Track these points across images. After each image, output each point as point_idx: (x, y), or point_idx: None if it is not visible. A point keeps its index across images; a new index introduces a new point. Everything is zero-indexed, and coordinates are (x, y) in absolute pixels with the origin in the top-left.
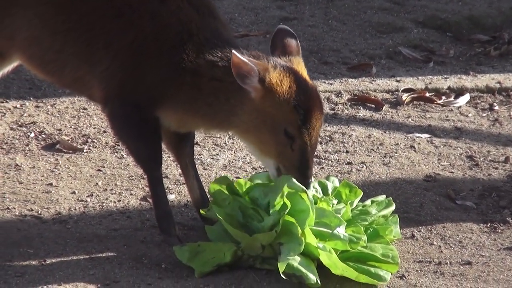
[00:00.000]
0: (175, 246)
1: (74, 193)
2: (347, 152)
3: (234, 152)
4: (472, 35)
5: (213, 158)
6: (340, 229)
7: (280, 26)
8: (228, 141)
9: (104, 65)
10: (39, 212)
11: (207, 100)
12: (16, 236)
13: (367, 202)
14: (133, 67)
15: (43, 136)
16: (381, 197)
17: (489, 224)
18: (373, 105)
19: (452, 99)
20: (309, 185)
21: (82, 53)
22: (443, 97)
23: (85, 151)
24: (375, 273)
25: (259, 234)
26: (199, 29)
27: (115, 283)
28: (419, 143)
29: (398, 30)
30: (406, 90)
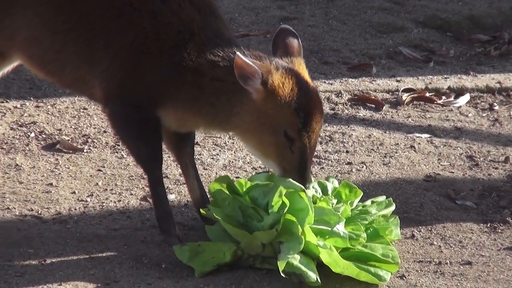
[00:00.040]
0: (175, 246)
1: (74, 193)
2: (347, 152)
3: (234, 152)
4: (472, 35)
5: (213, 158)
6: (340, 226)
7: (282, 26)
8: (228, 141)
9: (104, 65)
10: (39, 212)
11: (208, 99)
12: (16, 236)
13: (367, 202)
14: (134, 66)
15: (43, 136)
16: (381, 198)
17: (489, 224)
18: (373, 105)
19: (452, 99)
20: (308, 186)
21: (82, 53)
22: (443, 97)
23: (85, 151)
24: (375, 273)
25: (259, 232)
26: (200, 29)
27: (115, 283)
28: (419, 143)
29: (398, 30)
30: (406, 90)
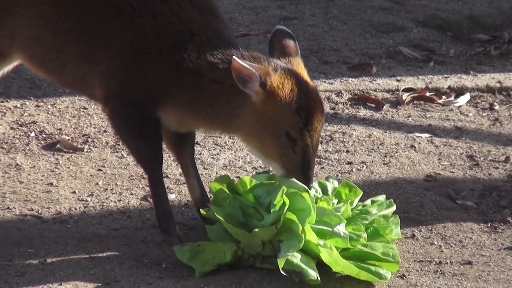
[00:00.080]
0: (175, 245)
1: (74, 192)
2: (347, 151)
3: (235, 152)
4: (472, 34)
5: (213, 158)
6: (340, 227)
7: (278, 27)
8: (229, 140)
9: (104, 64)
10: (40, 212)
11: (208, 101)
12: (16, 235)
13: (367, 201)
14: (134, 66)
15: (44, 135)
16: (381, 197)
17: (489, 224)
18: (373, 105)
19: (452, 98)
20: (311, 186)
21: (82, 52)
22: (444, 96)
23: (85, 150)
24: (375, 272)
25: (259, 229)
26: (200, 29)
27: (115, 282)
28: (420, 143)
29: (398, 29)
30: (407, 90)
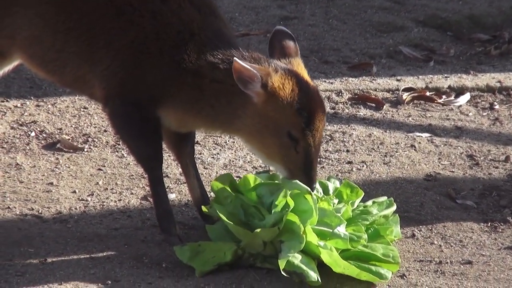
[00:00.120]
0: (175, 245)
1: (74, 192)
2: (347, 151)
3: (235, 151)
4: (472, 34)
5: (213, 157)
6: (341, 228)
7: (277, 27)
8: (229, 140)
9: (104, 64)
10: (40, 212)
11: (209, 101)
12: (16, 235)
13: (369, 202)
14: (134, 66)
15: (44, 135)
16: (383, 199)
17: (489, 224)
18: (373, 104)
19: (452, 98)
20: (314, 187)
21: (83, 52)
22: (444, 96)
23: (85, 150)
24: (376, 272)
25: (261, 230)
26: (200, 29)
27: (115, 282)
28: (420, 142)
29: (398, 29)
30: (407, 89)
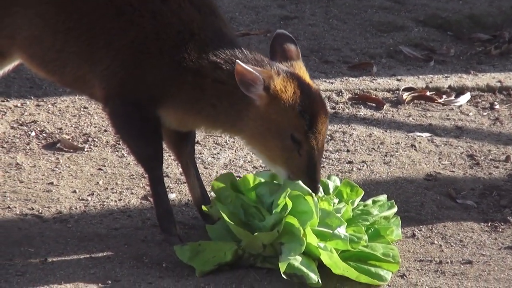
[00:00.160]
0: (175, 245)
1: (75, 192)
2: (348, 151)
3: (235, 151)
4: (472, 34)
5: (214, 157)
6: (341, 229)
7: (278, 31)
8: (229, 140)
9: (104, 64)
10: (40, 211)
11: (210, 101)
12: (17, 235)
13: (368, 201)
14: (134, 66)
15: (44, 135)
16: (382, 197)
17: (489, 223)
18: (373, 104)
19: (452, 98)
20: (318, 189)
21: (83, 52)
22: (444, 96)
23: (85, 150)
24: (375, 273)
25: (260, 233)
26: (200, 29)
27: (116, 282)
28: (420, 142)
29: (398, 29)
30: (407, 89)
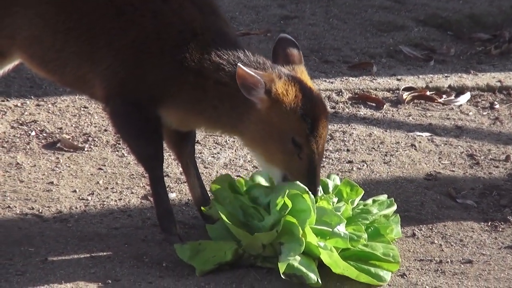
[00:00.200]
0: (176, 244)
1: (75, 191)
2: (348, 150)
3: (235, 151)
4: (472, 33)
5: (214, 157)
6: (340, 227)
7: (281, 35)
8: (229, 139)
9: (105, 64)
10: (40, 211)
11: (211, 102)
12: (17, 234)
13: (369, 201)
14: (135, 65)
15: (44, 134)
16: (383, 197)
17: (489, 223)
18: (373, 104)
19: (452, 97)
20: (318, 193)
21: (83, 52)
22: (444, 95)
23: (86, 149)
24: (375, 273)
25: (260, 234)
26: (202, 29)
27: (116, 281)
28: (420, 142)
29: (398, 28)
30: (407, 89)
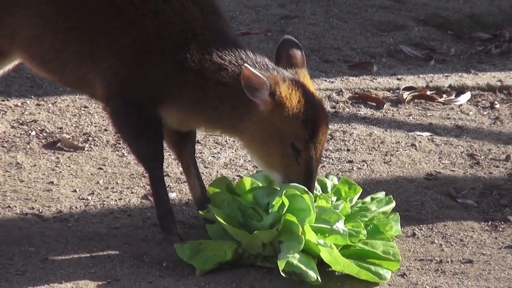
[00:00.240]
0: (176, 244)
1: (75, 191)
2: (348, 150)
3: (235, 150)
4: (473, 33)
5: (214, 157)
6: (339, 224)
7: (285, 37)
8: (229, 139)
9: (106, 64)
10: (40, 211)
11: (212, 103)
12: (17, 234)
13: (367, 199)
14: (136, 65)
15: (44, 134)
16: (381, 194)
17: (490, 223)
18: (374, 103)
19: (453, 97)
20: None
21: (83, 52)
22: (444, 95)
23: (86, 149)
24: (375, 272)
25: (259, 232)
26: (203, 29)
27: (116, 281)
28: (420, 142)
29: (399, 28)
30: (407, 88)
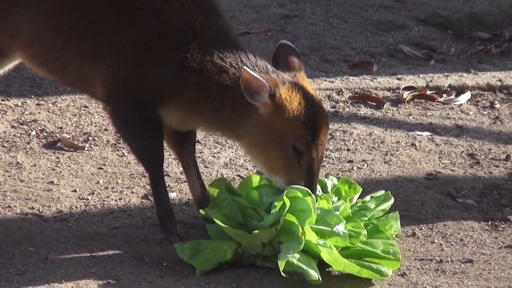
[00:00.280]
0: (176, 244)
1: (75, 191)
2: (348, 150)
3: (235, 150)
4: (473, 32)
5: (214, 156)
6: (340, 227)
7: (282, 42)
8: None
9: (106, 63)
10: (40, 210)
11: (213, 104)
12: (17, 234)
13: (367, 198)
14: (137, 64)
15: (44, 134)
16: (380, 192)
17: (490, 222)
18: (374, 103)
19: (453, 97)
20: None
21: (84, 51)
22: (444, 95)
23: (86, 149)
24: (376, 269)
25: (259, 231)
26: (203, 29)
27: (116, 281)
28: (420, 141)
29: (399, 28)
30: (407, 88)
